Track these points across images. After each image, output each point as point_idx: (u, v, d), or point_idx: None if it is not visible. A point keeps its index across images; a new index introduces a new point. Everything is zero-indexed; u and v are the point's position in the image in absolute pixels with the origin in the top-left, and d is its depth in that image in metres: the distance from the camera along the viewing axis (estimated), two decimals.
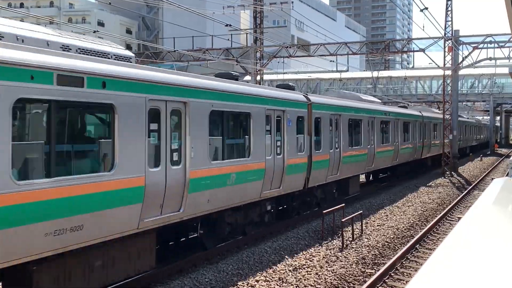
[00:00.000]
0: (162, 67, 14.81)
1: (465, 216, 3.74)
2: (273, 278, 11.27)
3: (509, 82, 64.22)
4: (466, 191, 26.30)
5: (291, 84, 17.95)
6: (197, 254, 12.75)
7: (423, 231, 16.10)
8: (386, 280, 11.70)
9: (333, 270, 11.95)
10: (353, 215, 16.03)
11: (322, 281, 11.17)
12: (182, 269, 11.88)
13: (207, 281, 10.81)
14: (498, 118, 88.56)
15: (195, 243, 13.56)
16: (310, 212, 18.68)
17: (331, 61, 39.20)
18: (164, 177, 10.59)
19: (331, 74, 61.00)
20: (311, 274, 11.58)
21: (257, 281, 11.05)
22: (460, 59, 35.90)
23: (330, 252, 13.55)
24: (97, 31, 24.35)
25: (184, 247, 13.50)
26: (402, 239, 15.73)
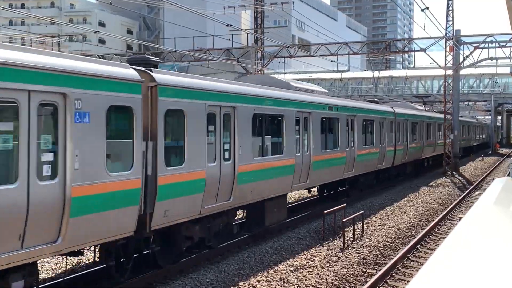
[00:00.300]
0: (163, 68, 14.80)
1: (466, 216, 3.73)
2: (274, 278, 11.27)
3: (511, 82, 64.26)
4: (467, 191, 26.28)
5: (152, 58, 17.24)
6: (198, 254, 12.76)
7: (424, 231, 16.09)
8: (388, 280, 11.69)
9: (334, 270, 11.95)
10: (354, 215, 16.02)
11: (323, 281, 11.17)
12: (183, 269, 11.88)
13: (208, 281, 10.82)
14: (499, 118, 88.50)
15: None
16: (311, 212, 18.72)
17: (332, 61, 39.22)
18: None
19: (332, 74, 61.03)
20: (312, 274, 11.58)
21: (258, 281, 11.05)
22: (461, 59, 35.89)
23: (331, 252, 13.54)
24: (98, 32, 24.36)
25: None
26: (403, 239, 15.72)
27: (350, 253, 13.54)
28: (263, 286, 10.82)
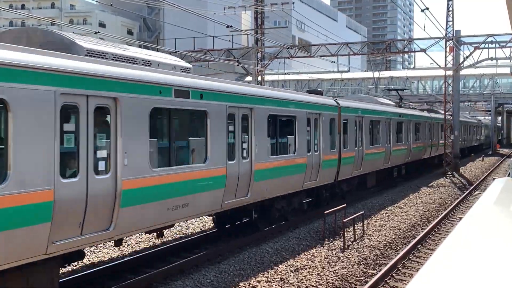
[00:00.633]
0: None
1: (466, 216, 3.74)
2: (275, 279, 11.27)
3: (511, 82, 64.21)
4: (468, 191, 26.27)
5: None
6: (199, 255, 12.77)
7: (425, 232, 16.09)
8: (388, 281, 11.70)
9: (335, 271, 11.95)
10: (355, 216, 16.03)
11: (324, 282, 11.17)
12: (184, 270, 11.88)
13: (209, 282, 10.82)
14: (500, 118, 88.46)
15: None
16: (312, 213, 18.73)
17: (332, 62, 39.23)
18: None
19: (332, 75, 61.02)
20: (313, 275, 11.58)
21: (259, 282, 11.05)
22: (461, 59, 35.88)
23: (332, 253, 13.54)
24: (98, 32, 24.36)
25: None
26: (404, 240, 15.72)
27: (351, 254, 13.54)
28: (264, 287, 10.82)
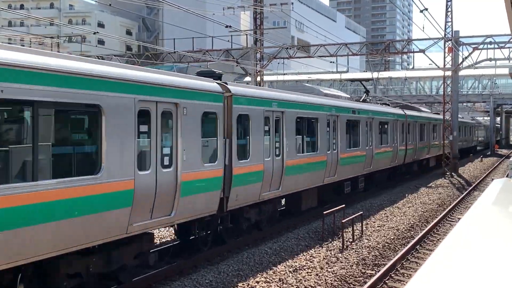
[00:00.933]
0: (162, 68, 14.86)
1: (465, 217, 3.74)
2: (273, 279, 11.26)
3: (509, 83, 64.22)
4: (466, 192, 26.29)
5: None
6: (198, 255, 12.76)
7: (423, 232, 16.10)
8: (386, 281, 11.70)
9: (334, 271, 11.95)
10: (354, 216, 16.03)
11: (323, 282, 11.17)
12: (183, 270, 11.88)
13: (208, 282, 10.81)
14: (498, 119, 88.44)
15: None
16: (311, 213, 18.74)
17: (331, 62, 39.19)
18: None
19: (331, 75, 61.03)
20: (312, 275, 11.58)
21: (257, 282, 11.05)
22: (460, 60, 35.90)
23: (331, 253, 13.54)
24: (97, 32, 24.35)
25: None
26: (402, 240, 15.73)
27: (349, 254, 13.54)
28: (262, 287, 10.81)
